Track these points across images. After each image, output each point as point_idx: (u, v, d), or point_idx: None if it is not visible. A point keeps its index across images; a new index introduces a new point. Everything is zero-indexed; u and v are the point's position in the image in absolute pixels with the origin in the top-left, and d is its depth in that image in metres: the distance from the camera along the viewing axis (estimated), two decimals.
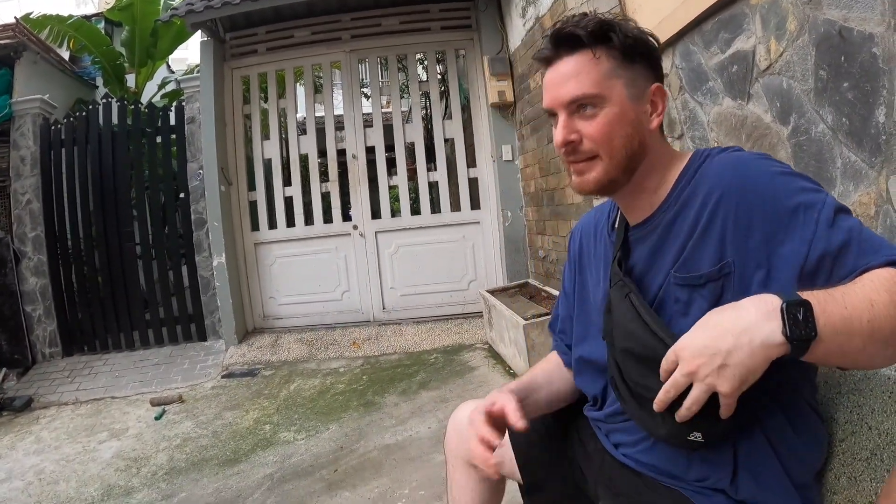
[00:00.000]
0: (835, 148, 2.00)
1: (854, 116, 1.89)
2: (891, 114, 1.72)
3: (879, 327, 1.01)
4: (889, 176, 1.76)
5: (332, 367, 6.10)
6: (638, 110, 1.32)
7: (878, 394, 1.27)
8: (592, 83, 1.29)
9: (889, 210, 1.77)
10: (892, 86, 1.70)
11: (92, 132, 7.20)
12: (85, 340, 7.20)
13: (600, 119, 1.30)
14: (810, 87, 2.09)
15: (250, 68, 7.31)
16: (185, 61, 14.15)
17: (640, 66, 1.33)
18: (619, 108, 1.30)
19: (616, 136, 1.30)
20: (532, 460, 1.76)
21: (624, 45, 1.30)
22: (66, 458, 4.63)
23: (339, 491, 3.60)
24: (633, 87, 1.31)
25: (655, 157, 1.37)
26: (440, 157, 7.21)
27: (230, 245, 6.97)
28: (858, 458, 1.29)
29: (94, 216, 7.19)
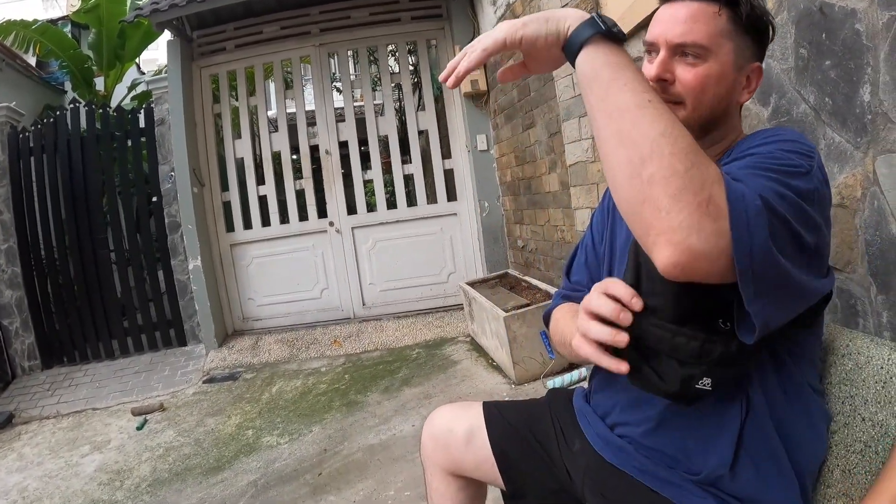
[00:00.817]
0: (818, 129, 1.95)
1: (837, 95, 1.85)
2: (876, 92, 1.68)
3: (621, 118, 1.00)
4: (876, 157, 1.72)
5: (314, 367, 6.06)
6: (736, 79, 1.31)
7: (871, 384, 1.26)
8: (707, 35, 1.26)
9: (876, 192, 1.74)
10: (877, 63, 1.66)
11: (61, 138, 7.06)
12: (64, 352, 7.09)
13: (701, 70, 1.27)
14: (791, 65, 2.05)
15: (219, 66, 7.21)
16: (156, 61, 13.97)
17: (751, 41, 1.31)
18: (721, 68, 1.28)
19: (709, 92, 1.28)
20: (514, 465, 1.72)
21: (748, 14, 1.27)
22: (49, 474, 4.56)
23: (324, 495, 3.57)
24: (739, 56, 1.30)
25: (730, 128, 1.38)
26: (415, 150, 7.15)
27: (205, 247, 6.89)
28: (852, 451, 1.28)
29: (66, 224, 7.06)
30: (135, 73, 11.68)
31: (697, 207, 0.89)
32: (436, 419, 1.87)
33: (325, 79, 7.20)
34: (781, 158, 1.08)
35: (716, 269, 0.92)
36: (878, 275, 1.78)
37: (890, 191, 1.70)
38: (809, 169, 1.08)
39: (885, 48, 1.63)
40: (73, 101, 7.37)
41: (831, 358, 1.39)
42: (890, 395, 1.21)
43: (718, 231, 0.89)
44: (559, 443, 1.67)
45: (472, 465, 1.77)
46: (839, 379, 1.35)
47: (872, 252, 1.78)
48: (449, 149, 7.19)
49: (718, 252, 0.90)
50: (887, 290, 1.75)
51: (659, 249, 0.91)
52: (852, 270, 1.89)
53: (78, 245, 7.03)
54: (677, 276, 0.92)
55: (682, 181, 0.90)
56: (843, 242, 1.91)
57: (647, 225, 0.92)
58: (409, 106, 7.19)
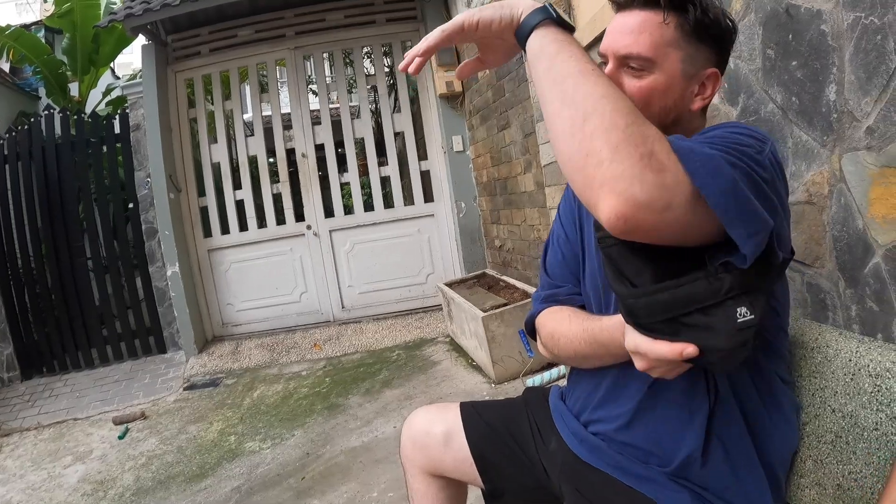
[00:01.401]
0: (785, 127, 1.98)
1: (804, 95, 1.87)
2: (841, 91, 1.71)
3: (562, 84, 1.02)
4: (842, 154, 1.75)
5: (295, 371, 6.06)
6: (685, 88, 1.30)
7: (840, 376, 1.29)
8: (650, 46, 1.26)
9: (843, 189, 1.77)
10: (843, 63, 1.69)
11: (35, 145, 6.99)
12: (43, 362, 7.02)
13: (645, 83, 1.27)
14: (758, 66, 2.08)
15: (194, 70, 7.17)
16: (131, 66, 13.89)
17: (704, 47, 1.29)
18: (667, 79, 1.28)
19: (654, 105, 1.28)
20: (492, 465, 1.75)
21: (696, 21, 1.26)
22: (32, 486, 4.53)
23: (307, 499, 3.59)
24: (689, 65, 1.29)
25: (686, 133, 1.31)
26: (391, 152, 7.14)
27: (183, 253, 6.86)
28: (823, 441, 1.31)
29: (42, 232, 7.00)
30: (110, 78, 11.58)
31: (640, 159, 0.90)
32: (414, 421, 1.89)
33: (300, 81, 7.19)
34: (730, 138, 1.09)
35: (661, 225, 0.93)
36: (846, 269, 1.81)
37: (856, 187, 1.73)
38: (761, 150, 1.09)
39: (849, 48, 1.66)
40: (47, 108, 7.28)
41: (801, 351, 1.42)
42: (859, 387, 1.24)
43: (661, 183, 0.91)
44: (536, 442, 1.70)
45: (452, 466, 1.80)
46: (809, 372, 1.38)
47: (840, 247, 1.82)
48: (425, 150, 7.20)
49: (662, 205, 0.91)
50: (855, 284, 1.78)
51: (602, 200, 0.92)
52: (821, 266, 1.92)
53: (55, 253, 6.97)
54: (622, 230, 0.93)
55: (623, 134, 0.92)
56: (811, 238, 1.94)
57: (590, 177, 0.93)
58: (384, 108, 7.19)
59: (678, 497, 1.32)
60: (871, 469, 1.18)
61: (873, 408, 1.19)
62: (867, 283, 1.75)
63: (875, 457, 1.18)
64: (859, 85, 1.65)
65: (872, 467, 1.18)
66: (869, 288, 1.75)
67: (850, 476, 1.24)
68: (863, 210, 1.72)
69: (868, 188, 1.70)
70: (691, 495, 1.31)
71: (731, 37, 1.34)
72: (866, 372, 1.23)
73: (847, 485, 1.25)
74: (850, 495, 1.24)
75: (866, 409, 1.21)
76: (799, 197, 1.96)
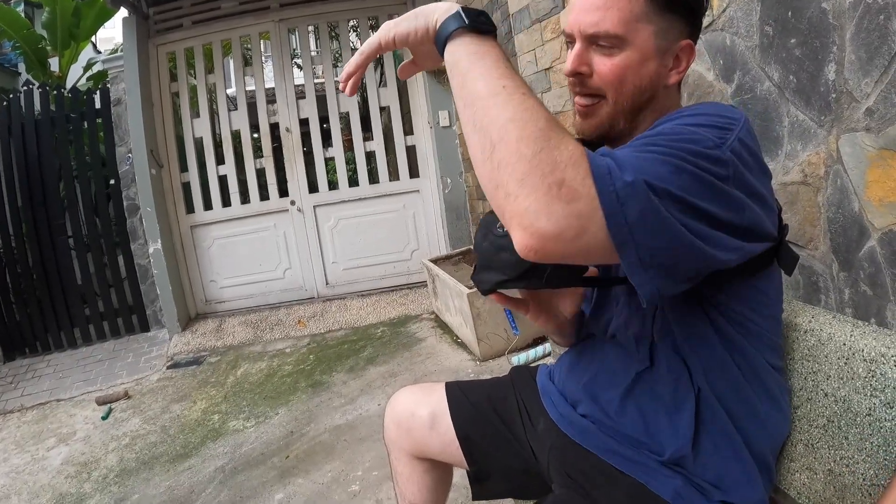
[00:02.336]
0: (781, 106, 1.94)
1: (802, 74, 1.83)
2: (841, 71, 1.67)
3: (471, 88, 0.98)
4: (839, 135, 1.72)
5: (279, 349, 6.04)
6: (659, 63, 1.24)
7: (833, 360, 1.27)
8: (620, 22, 1.18)
9: (840, 170, 1.74)
10: (843, 42, 1.65)
11: (14, 122, 6.84)
12: (26, 343, 6.94)
13: (616, 61, 1.21)
14: (755, 43, 2.03)
15: (176, 44, 7.02)
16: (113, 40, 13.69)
17: (676, 19, 1.22)
18: (640, 55, 1.21)
19: (628, 83, 1.23)
20: (478, 446, 1.71)
21: None
22: (16, 469, 4.49)
23: (291, 478, 3.58)
24: (661, 38, 1.22)
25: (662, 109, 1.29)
26: (376, 127, 7.06)
27: (165, 230, 6.77)
28: (815, 426, 1.30)
29: (23, 211, 6.88)
30: (91, 53, 11.48)
31: (547, 191, 0.85)
32: (398, 403, 1.86)
33: (285, 55, 7.07)
34: (683, 133, 1.02)
35: (574, 251, 0.89)
36: (840, 252, 1.79)
37: (853, 169, 1.70)
38: (720, 143, 1.02)
39: (851, 27, 1.62)
40: (26, 84, 7.16)
41: (794, 334, 1.39)
42: (852, 372, 1.22)
43: (571, 213, 0.85)
44: (524, 422, 1.67)
45: (438, 449, 1.77)
46: (801, 355, 1.36)
47: (835, 230, 1.79)
48: (411, 125, 7.12)
49: (574, 234, 0.86)
50: (849, 267, 1.76)
51: (513, 232, 0.89)
52: (814, 248, 1.90)
53: (35, 232, 6.86)
54: (534, 258, 0.90)
55: (529, 165, 0.86)
56: (805, 220, 1.91)
57: (501, 209, 0.90)
58: (370, 82, 7.10)
59: (670, 482, 1.28)
60: (864, 455, 1.18)
61: (867, 393, 1.18)
62: (861, 267, 1.72)
63: (867, 443, 1.17)
64: (860, 65, 1.61)
65: (865, 453, 1.18)
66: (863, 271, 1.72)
67: (841, 461, 1.23)
68: (859, 192, 1.69)
69: (865, 170, 1.66)
70: (683, 480, 1.27)
71: (703, 5, 1.28)
72: (860, 357, 1.21)
73: (838, 470, 1.24)
74: (842, 481, 1.23)
75: (859, 394, 1.19)
76: (794, 177, 1.93)
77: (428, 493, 1.87)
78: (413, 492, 1.87)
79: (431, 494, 1.89)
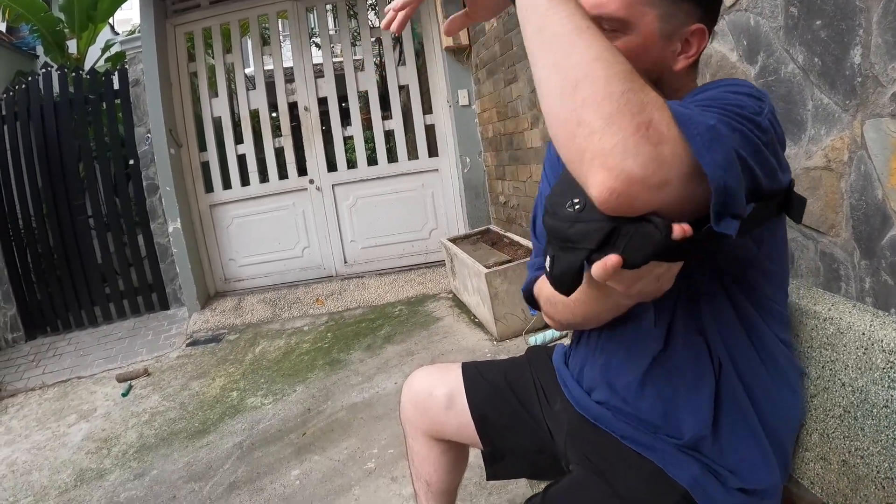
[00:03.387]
0: (806, 89, 1.90)
1: (827, 56, 1.79)
2: (867, 55, 1.63)
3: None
4: (864, 120, 1.68)
5: (297, 327, 6.04)
6: (665, 48, 1.19)
7: (852, 349, 1.24)
8: (623, 4, 1.14)
9: (864, 156, 1.70)
10: (870, 25, 1.60)
11: (34, 105, 6.89)
12: (47, 321, 7.04)
13: (619, 44, 1.14)
14: (780, 24, 1.98)
15: (194, 24, 7.01)
16: (130, 21, 13.69)
17: (684, 2, 1.17)
18: (643, 40, 1.16)
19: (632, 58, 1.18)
20: (493, 426, 1.70)
21: None
22: (38, 445, 4.53)
23: (308, 455, 3.58)
24: (667, 22, 1.17)
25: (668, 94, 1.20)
26: (395, 105, 7.02)
27: (185, 209, 6.80)
28: (831, 415, 1.28)
29: (43, 192, 6.94)
30: (108, 35, 11.45)
31: (636, 130, 0.81)
32: (415, 383, 1.85)
33: (303, 34, 7.04)
34: (729, 100, 1.00)
35: (658, 200, 0.85)
36: (862, 240, 1.75)
37: (877, 155, 1.66)
38: (760, 111, 1.00)
39: (878, 10, 1.57)
40: (45, 66, 7.20)
41: (812, 321, 1.36)
42: (871, 362, 1.19)
43: (659, 157, 0.82)
44: (540, 402, 1.65)
45: (454, 429, 1.76)
46: (820, 343, 1.33)
47: (857, 217, 1.76)
48: (430, 104, 7.07)
49: (658, 181, 0.83)
50: (871, 255, 1.72)
51: (593, 175, 0.84)
52: (836, 235, 1.86)
53: (56, 212, 6.92)
54: (614, 205, 0.84)
55: (618, 103, 0.83)
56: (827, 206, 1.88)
57: (582, 149, 0.85)
58: (389, 61, 7.07)
59: (687, 467, 1.26)
60: (879, 447, 1.17)
61: (885, 384, 1.16)
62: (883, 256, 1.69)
63: (883, 435, 1.15)
64: (886, 49, 1.57)
65: (880, 445, 1.16)
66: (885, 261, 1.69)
67: (856, 452, 1.21)
68: (883, 179, 1.66)
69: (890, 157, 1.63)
70: (700, 466, 1.25)
71: None
72: (879, 347, 1.18)
73: (853, 461, 1.22)
74: (856, 472, 1.21)
75: (877, 385, 1.17)
76: (817, 162, 1.89)
77: (444, 473, 1.87)
78: (429, 472, 1.87)
79: (447, 474, 1.89)
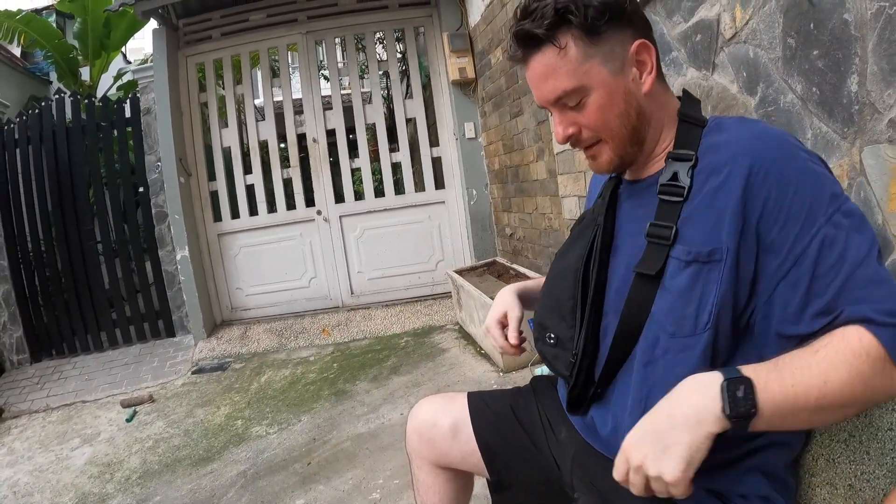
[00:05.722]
0: (805, 118, 1.94)
1: (825, 86, 1.83)
2: (864, 83, 1.67)
3: (829, 404, 1.00)
4: (862, 147, 1.72)
5: (303, 356, 6.05)
6: (625, 81, 1.24)
7: None
8: (568, 77, 1.22)
9: (863, 183, 1.73)
10: (865, 53, 1.65)
11: (46, 129, 6.98)
12: (53, 345, 7.05)
13: (590, 107, 1.24)
14: (778, 55, 2.03)
15: (205, 55, 7.13)
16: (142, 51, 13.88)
17: (612, 34, 1.22)
18: (605, 89, 1.23)
19: (611, 118, 1.25)
20: (499, 456, 1.70)
21: (586, 24, 1.20)
22: (40, 468, 4.53)
23: (313, 485, 3.57)
24: (611, 61, 1.23)
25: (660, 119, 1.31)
26: (402, 138, 7.10)
27: (193, 237, 6.85)
28: (836, 440, 1.28)
29: (53, 216, 7.00)
30: (121, 63, 11.63)
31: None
32: (420, 412, 1.84)
33: (312, 66, 7.14)
34: (819, 199, 1.11)
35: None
36: None
37: (876, 181, 1.69)
38: (828, 170, 1.13)
39: (872, 39, 1.62)
40: (58, 92, 7.28)
41: None
42: None
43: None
44: (546, 432, 1.65)
45: (459, 458, 1.75)
46: None
47: None
48: (437, 136, 7.15)
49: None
50: None
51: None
52: None
53: (65, 237, 6.97)
54: None
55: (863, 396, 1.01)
56: None
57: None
58: (396, 94, 7.15)
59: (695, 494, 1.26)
60: (884, 470, 1.17)
61: (888, 407, 1.17)
62: None
63: (888, 458, 1.16)
64: (882, 76, 1.61)
65: (885, 468, 1.16)
66: None
67: (862, 476, 1.22)
68: (882, 205, 1.69)
69: (889, 182, 1.66)
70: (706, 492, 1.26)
71: (624, 4, 1.25)
72: None
73: (859, 485, 1.22)
74: (862, 496, 1.22)
75: (881, 408, 1.18)
76: None
77: (448, 502, 1.85)
78: (434, 501, 1.85)
79: (452, 503, 1.88)
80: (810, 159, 1.13)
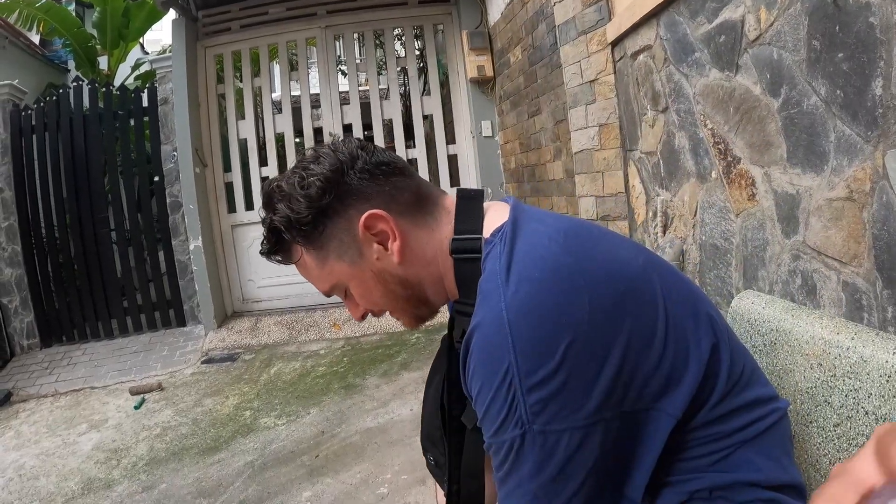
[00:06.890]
0: (828, 121, 1.92)
1: (849, 88, 1.80)
2: (888, 86, 1.64)
3: None
4: (886, 151, 1.69)
5: (313, 350, 6.05)
6: (369, 264, 1.16)
7: (875, 378, 1.23)
8: (319, 281, 1.21)
9: (885, 186, 1.71)
10: (890, 57, 1.62)
11: (63, 117, 7.00)
12: (63, 330, 7.07)
13: (357, 298, 1.22)
14: (802, 57, 2.00)
15: (224, 46, 7.16)
16: (160, 42, 13.89)
17: (331, 228, 1.14)
18: (354, 280, 1.18)
19: (377, 299, 1.21)
20: None
21: (301, 236, 1.14)
22: (46, 452, 4.53)
23: (320, 477, 3.56)
24: (345, 253, 1.15)
25: (433, 273, 1.20)
26: (419, 135, 7.10)
27: (206, 228, 6.86)
28: (854, 444, 1.26)
29: (67, 203, 7.02)
30: (139, 53, 11.66)
31: None
32: None
33: (330, 61, 7.14)
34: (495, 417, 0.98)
35: None
36: (885, 269, 1.75)
37: None
38: (554, 370, 0.91)
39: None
40: (76, 80, 7.31)
41: (835, 351, 1.36)
42: (894, 389, 1.19)
43: None
44: None
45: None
46: (843, 372, 1.33)
47: (879, 247, 1.76)
48: (453, 134, 7.14)
49: None
50: (893, 285, 1.72)
51: None
52: (858, 265, 1.86)
53: (79, 224, 7.00)
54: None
55: None
56: (850, 236, 1.88)
57: None
58: (414, 90, 7.15)
59: None
60: None
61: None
62: None
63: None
64: None
65: None
66: None
67: None
68: None
69: None
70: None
71: (328, 185, 1.12)
72: None
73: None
74: None
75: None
76: (839, 193, 1.90)
77: None
78: None
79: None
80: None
